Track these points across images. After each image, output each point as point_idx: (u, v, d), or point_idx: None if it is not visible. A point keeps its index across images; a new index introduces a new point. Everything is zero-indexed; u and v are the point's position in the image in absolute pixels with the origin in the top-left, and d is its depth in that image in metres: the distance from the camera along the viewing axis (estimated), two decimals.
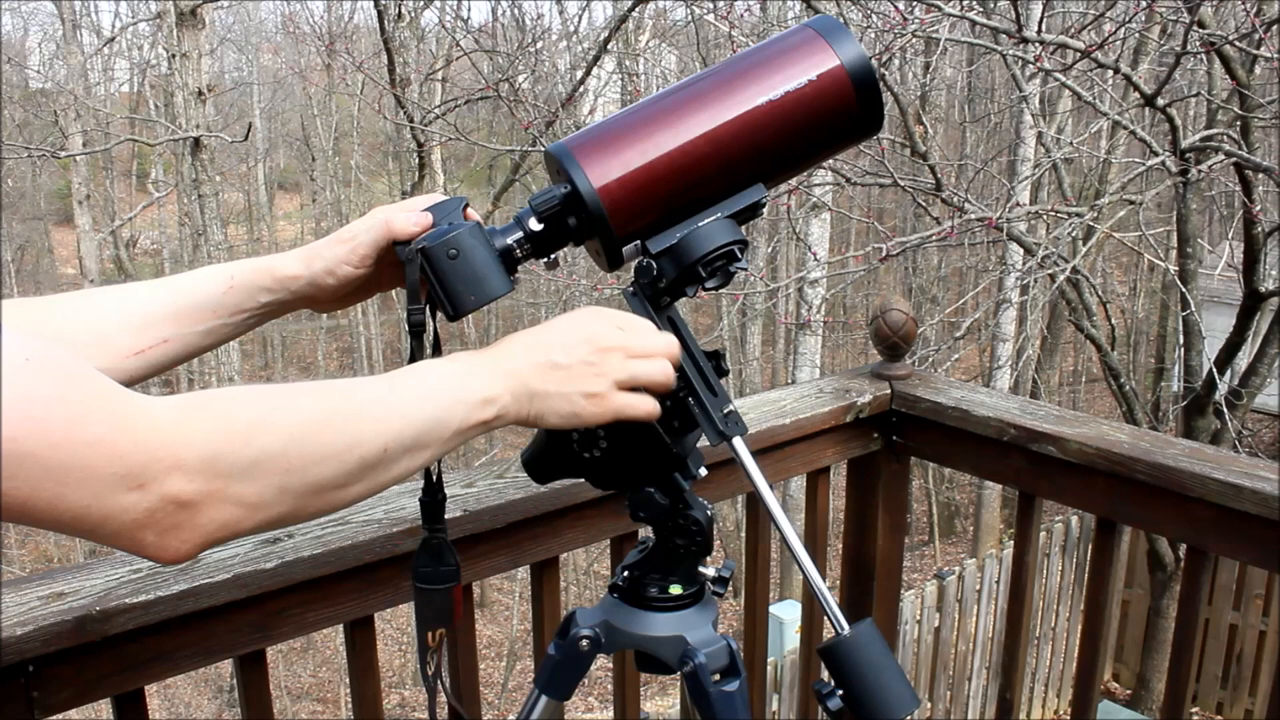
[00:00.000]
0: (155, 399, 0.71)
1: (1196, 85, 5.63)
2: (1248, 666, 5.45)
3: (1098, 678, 1.70)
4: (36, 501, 0.63)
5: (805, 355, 9.76)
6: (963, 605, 5.15)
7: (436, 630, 1.02)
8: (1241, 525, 1.38)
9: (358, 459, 0.79)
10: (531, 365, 0.90)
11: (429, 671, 1.02)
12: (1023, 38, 4.00)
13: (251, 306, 0.98)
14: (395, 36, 7.41)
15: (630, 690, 1.59)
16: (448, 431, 0.85)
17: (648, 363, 0.92)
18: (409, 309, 0.94)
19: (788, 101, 0.94)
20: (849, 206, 9.98)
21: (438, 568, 1.00)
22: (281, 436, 0.75)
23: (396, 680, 12.33)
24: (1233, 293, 5.84)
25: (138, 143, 8.78)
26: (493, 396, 0.87)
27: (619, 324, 0.93)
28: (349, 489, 0.80)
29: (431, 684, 1.03)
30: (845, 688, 0.90)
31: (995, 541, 12.05)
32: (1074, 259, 5.07)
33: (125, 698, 1.17)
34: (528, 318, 16.83)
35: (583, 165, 0.93)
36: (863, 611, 1.88)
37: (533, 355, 0.90)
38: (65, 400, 0.65)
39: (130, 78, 19.35)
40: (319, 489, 0.77)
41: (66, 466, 0.64)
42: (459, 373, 0.87)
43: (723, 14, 5.21)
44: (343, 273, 0.98)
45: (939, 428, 1.69)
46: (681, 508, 1.02)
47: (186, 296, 0.96)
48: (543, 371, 0.90)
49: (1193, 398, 5.26)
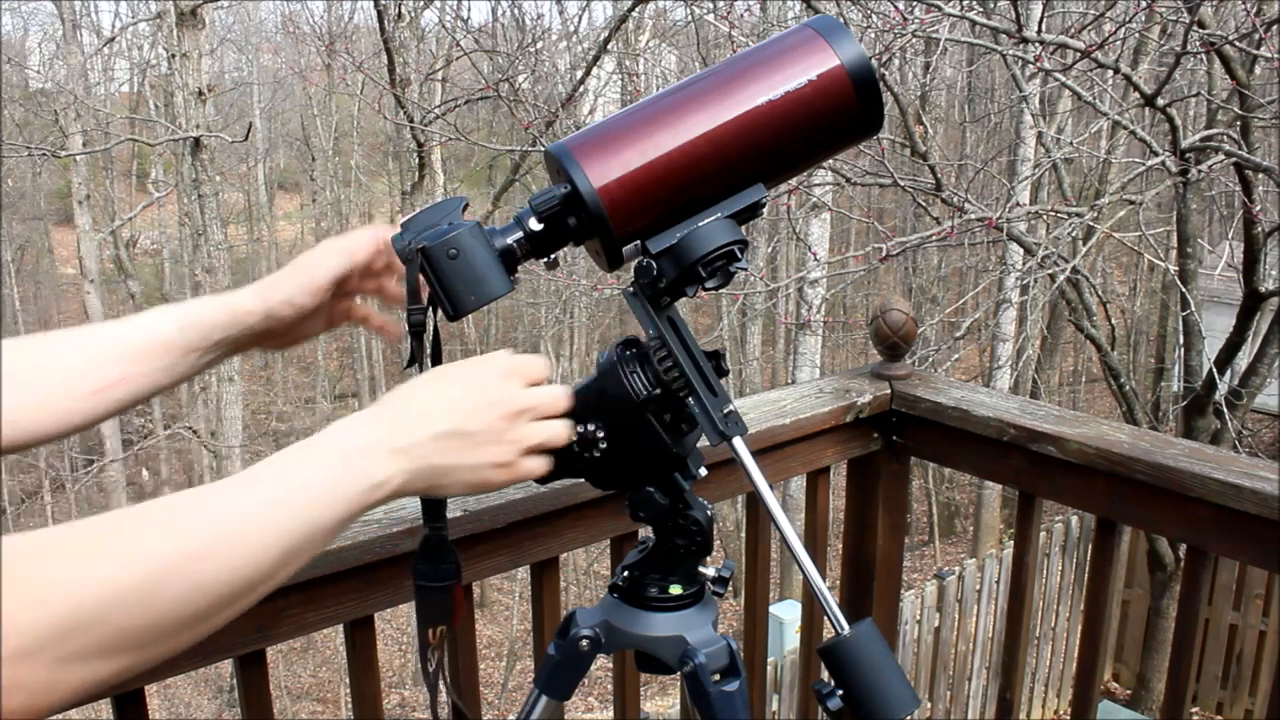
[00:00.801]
0: None
1: (1196, 85, 5.63)
2: (1248, 666, 5.45)
3: (1098, 678, 1.70)
4: None
5: (805, 355, 9.76)
6: (963, 605, 5.15)
7: (437, 628, 1.01)
8: (1241, 525, 1.38)
9: (215, 605, 0.69)
10: (431, 438, 0.82)
11: (429, 669, 1.01)
12: (1023, 38, 4.00)
13: (206, 345, 0.98)
14: (395, 36, 7.41)
15: (630, 690, 1.59)
16: (329, 527, 0.76)
17: (553, 424, 0.90)
18: (409, 309, 0.94)
19: (788, 101, 0.94)
20: (849, 206, 9.98)
21: (438, 566, 0.99)
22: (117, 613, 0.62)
23: (396, 680, 12.33)
24: (1233, 293, 5.84)
25: (138, 143, 8.78)
26: (382, 480, 0.79)
27: (511, 371, 0.88)
28: (202, 627, 0.71)
29: (432, 681, 1.02)
30: (845, 688, 0.90)
31: (995, 541, 12.06)
32: (1074, 259, 5.07)
33: (125, 698, 1.17)
34: (528, 318, 16.85)
35: (583, 165, 0.93)
36: (863, 611, 1.88)
37: (432, 425, 0.83)
38: None
39: (130, 78, 19.36)
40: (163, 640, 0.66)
41: None
42: (339, 458, 0.78)
43: (723, 14, 5.21)
44: (299, 302, 0.99)
45: (939, 428, 1.69)
46: (681, 508, 1.02)
47: (142, 335, 0.97)
48: (446, 445, 0.83)
49: (1193, 398, 5.26)
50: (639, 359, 0.99)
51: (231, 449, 9.66)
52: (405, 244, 0.93)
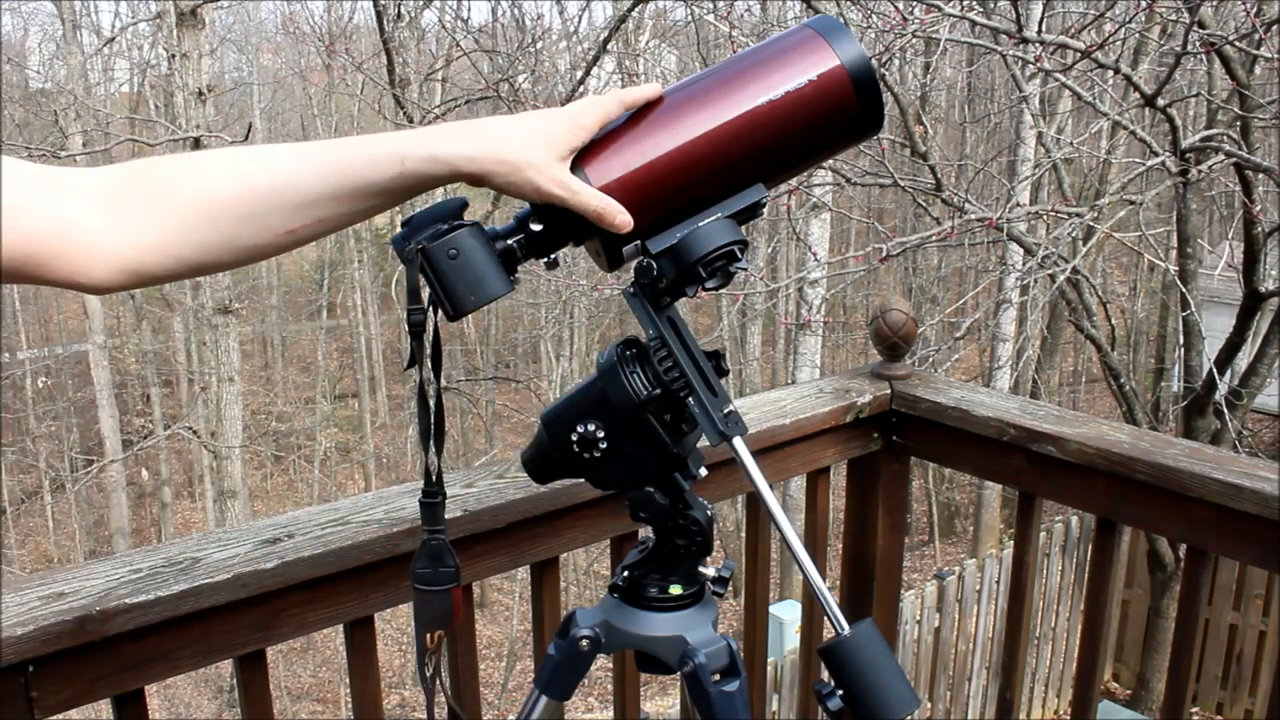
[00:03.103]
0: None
1: (1196, 85, 5.62)
2: (1248, 666, 5.45)
3: (1098, 678, 1.70)
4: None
5: (805, 355, 9.75)
6: (963, 605, 5.15)
7: (435, 632, 1.01)
8: (1241, 525, 1.38)
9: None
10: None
11: (427, 673, 1.01)
12: (1023, 38, 4.00)
13: (414, 189, 0.94)
14: (395, 36, 7.40)
15: (630, 690, 1.59)
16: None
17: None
18: (409, 309, 0.94)
19: (788, 101, 0.94)
20: (849, 206, 9.98)
21: (437, 569, 0.99)
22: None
23: (396, 680, 12.33)
24: (1233, 293, 5.83)
25: (138, 143, 8.78)
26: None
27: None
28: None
29: (430, 686, 1.02)
30: (845, 688, 0.90)
31: (995, 541, 12.06)
32: (1074, 259, 5.07)
33: (125, 698, 1.17)
34: (528, 318, 16.84)
35: (583, 165, 0.93)
36: (863, 611, 1.88)
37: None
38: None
39: (130, 78, 19.33)
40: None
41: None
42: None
43: (723, 14, 5.20)
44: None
45: (939, 428, 1.69)
46: (681, 508, 1.02)
47: (353, 179, 0.91)
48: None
49: (1193, 398, 5.26)
50: (639, 359, 0.98)
51: (231, 449, 9.66)
52: (405, 244, 0.93)
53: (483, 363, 17.44)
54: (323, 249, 21.49)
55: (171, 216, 0.88)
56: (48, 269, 0.83)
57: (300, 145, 0.94)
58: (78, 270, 0.84)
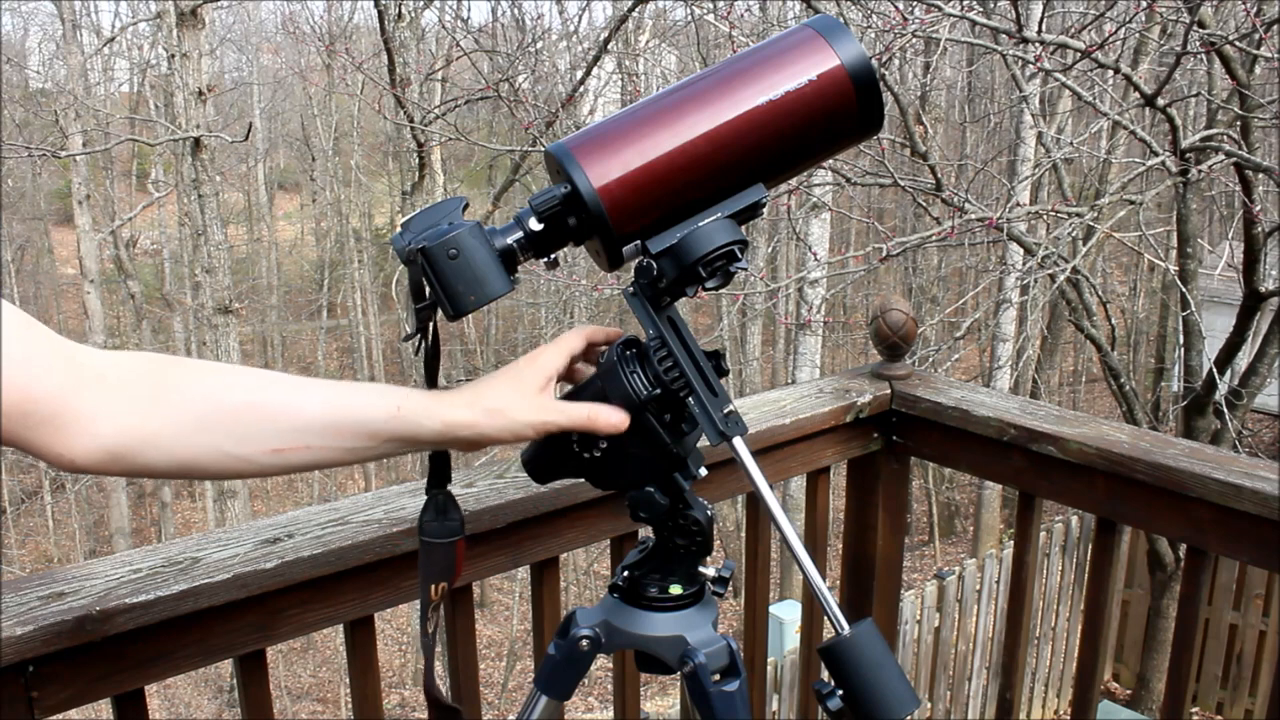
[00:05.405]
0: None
1: (1196, 85, 5.62)
2: (1248, 666, 5.45)
3: (1098, 678, 1.70)
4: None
5: (805, 355, 9.75)
6: (963, 605, 5.15)
7: (439, 585, 1.03)
8: (1241, 525, 1.38)
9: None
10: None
11: (429, 629, 1.03)
12: (1023, 38, 4.00)
13: (404, 441, 0.96)
14: (395, 36, 7.41)
15: (630, 690, 1.59)
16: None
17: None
18: (417, 307, 0.94)
19: (788, 101, 0.94)
20: (849, 206, 9.97)
21: (443, 522, 1.03)
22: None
23: (396, 680, 12.33)
24: (1233, 293, 5.83)
25: (138, 143, 8.78)
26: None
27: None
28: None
29: (430, 642, 1.04)
30: (845, 688, 0.90)
31: (995, 541, 12.05)
32: (1074, 259, 5.06)
33: (125, 698, 1.17)
34: (528, 318, 16.84)
35: (583, 165, 0.93)
36: (863, 611, 1.88)
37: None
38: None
39: (130, 78, 19.34)
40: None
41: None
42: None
43: (723, 14, 5.20)
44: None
45: (939, 428, 1.69)
46: (681, 508, 1.02)
47: (348, 413, 0.93)
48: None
49: (1193, 398, 5.26)
50: (639, 359, 0.98)
51: None
52: (405, 244, 0.93)
53: (483, 363, 17.44)
54: (323, 249, 21.50)
55: (169, 410, 0.89)
56: (34, 432, 0.84)
57: (309, 378, 0.97)
58: (61, 442, 0.85)
